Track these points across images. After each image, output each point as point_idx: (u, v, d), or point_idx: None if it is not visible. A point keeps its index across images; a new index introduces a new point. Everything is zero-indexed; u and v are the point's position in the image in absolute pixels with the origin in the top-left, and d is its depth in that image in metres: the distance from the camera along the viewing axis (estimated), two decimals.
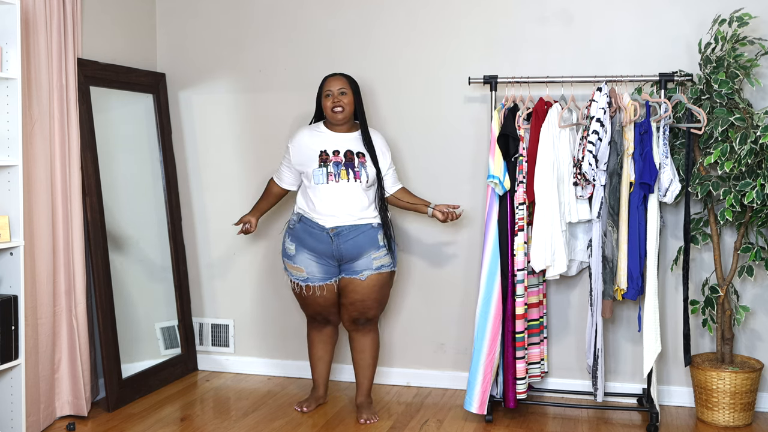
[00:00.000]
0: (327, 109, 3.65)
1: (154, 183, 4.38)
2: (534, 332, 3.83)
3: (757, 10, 3.66)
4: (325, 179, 3.59)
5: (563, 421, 3.76)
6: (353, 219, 3.61)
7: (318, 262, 3.65)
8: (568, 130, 3.65)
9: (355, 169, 3.61)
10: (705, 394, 3.70)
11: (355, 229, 3.61)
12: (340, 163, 3.61)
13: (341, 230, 3.60)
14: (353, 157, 3.63)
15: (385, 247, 3.65)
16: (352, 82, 3.71)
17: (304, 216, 3.67)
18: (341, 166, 3.61)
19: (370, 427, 3.69)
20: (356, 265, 3.63)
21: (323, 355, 3.91)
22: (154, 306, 4.35)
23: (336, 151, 3.63)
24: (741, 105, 3.55)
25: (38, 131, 3.50)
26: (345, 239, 3.60)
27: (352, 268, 3.63)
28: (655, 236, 3.56)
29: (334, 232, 3.60)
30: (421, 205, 3.78)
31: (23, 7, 3.40)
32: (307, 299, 3.73)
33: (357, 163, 3.62)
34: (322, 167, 3.60)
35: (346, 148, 3.65)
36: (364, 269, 3.62)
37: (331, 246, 3.60)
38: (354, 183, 3.60)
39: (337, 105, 3.63)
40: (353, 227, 3.61)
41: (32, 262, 3.48)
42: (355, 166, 3.61)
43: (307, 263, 3.66)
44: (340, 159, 3.62)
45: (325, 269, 3.66)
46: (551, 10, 4.01)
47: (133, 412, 3.86)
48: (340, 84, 3.66)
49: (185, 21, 4.50)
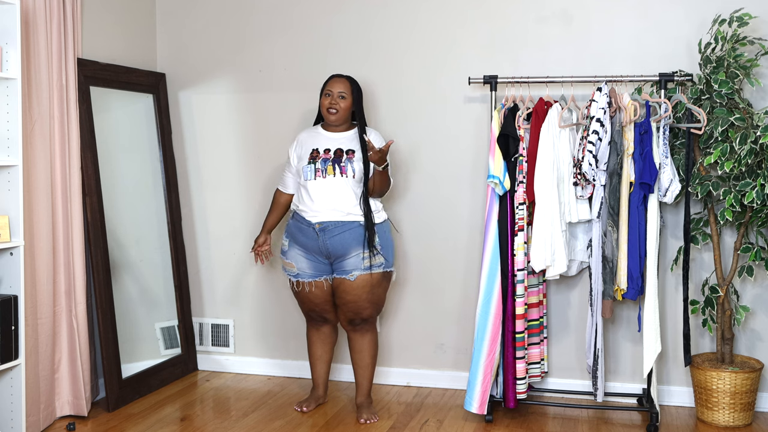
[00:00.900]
0: (323, 107, 3.70)
1: (154, 183, 4.38)
2: (534, 332, 3.83)
3: (757, 10, 3.66)
4: (312, 175, 3.63)
5: (563, 421, 3.76)
6: (340, 215, 3.61)
7: (307, 258, 3.68)
8: (568, 130, 3.65)
9: (341, 165, 3.63)
10: (705, 394, 3.70)
11: (341, 226, 3.61)
12: (327, 160, 3.64)
13: (327, 226, 3.61)
14: (342, 154, 3.66)
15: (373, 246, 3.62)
16: (354, 85, 3.72)
17: (296, 212, 3.72)
18: (328, 162, 3.64)
19: (370, 427, 3.69)
20: (346, 264, 3.63)
21: (322, 355, 3.91)
22: (154, 306, 4.35)
23: (327, 149, 3.67)
24: (741, 105, 3.55)
25: (38, 131, 3.50)
26: (331, 235, 3.60)
27: (342, 268, 3.64)
28: (655, 236, 3.56)
29: (320, 227, 3.61)
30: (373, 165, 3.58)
31: (23, 7, 3.40)
32: (300, 296, 3.77)
33: (344, 159, 3.65)
34: (311, 164, 3.65)
35: (337, 146, 3.68)
36: (353, 269, 3.62)
37: (317, 242, 3.62)
38: (340, 178, 3.62)
39: (332, 107, 3.66)
40: (340, 223, 3.61)
41: (32, 262, 3.47)
42: (341, 162, 3.64)
43: (297, 259, 3.69)
44: (329, 156, 3.65)
45: (315, 266, 3.68)
46: (551, 10, 4.01)
47: (133, 412, 3.86)
48: (341, 87, 3.68)
49: (185, 21, 4.50)
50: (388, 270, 3.70)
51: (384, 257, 3.66)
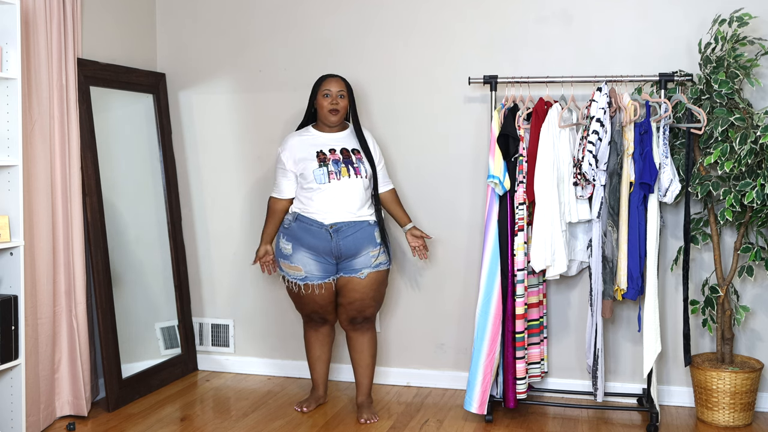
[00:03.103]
0: (323, 108, 3.66)
1: (154, 183, 4.38)
2: (534, 332, 3.83)
3: (757, 10, 3.66)
4: (326, 178, 3.60)
5: (563, 421, 3.76)
6: (352, 216, 3.62)
7: (316, 260, 3.65)
8: (568, 130, 3.65)
9: (355, 165, 3.64)
10: (705, 394, 3.70)
11: (354, 226, 3.62)
12: (339, 161, 3.63)
13: (340, 226, 3.60)
14: (350, 154, 3.66)
15: (381, 244, 3.66)
16: (349, 86, 3.74)
17: (300, 215, 3.66)
18: (341, 164, 3.62)
19: (370, 426, 3.69)
20: (355, 263, 3.63)
21: (321, 355, 3.91)
22: (154, 306, 4.35)
23: (332, 150, 3.65)
24: (741, 105, 3.55)
25: (38, 131, 3.50)
26: (344, 235, 3.60)
27: (351, 267, 3.64)
28: (655, 236, 3.56)
29: (334, 228, 3.60)
30: (402, 216, 3.86)
31: (23, 7, 3.40)
32: (304, 299, 3.73)
33: (355, 159, 3.65)
34: (323, 167, 3.61)
35: (340, 146, 3.67)
36: (363, 267, 3.63)
37: (330, 243, 3.61)
38: (356, 179, 3.62)
39: (334, 107, 3.65)
40: (352, 223, 3.62)
41: (32, 262, 3.48)
42: (353, 162, 3.64)
43: (305, 262, 3.65)
44: (338, 157, 3.64)
45: (324, 267, 3.66)
46: (551, 10, 4.01)
47: (133, 412, 3.86)
48: (339, 86, 3.68)
49: (185, 21, 4.50)
50: (389, 267, 3.73)
51: (389, 255, 3.72)
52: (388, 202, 3.84)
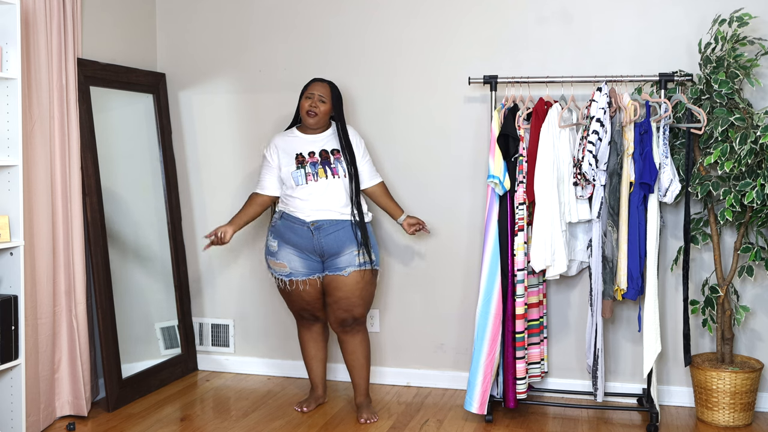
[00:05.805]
0: (302, 109, 3.72)
1: (154, 183, 4.38)
2: (534, 332, 3.83)
3: (757, 10, 3.66)
4: (304, 180, 3.65)
5: (563, 421, 3.76)
6: (334, 214, 3.65)
7: (300, 257, 3.68)
8: (568, 130, 3.65)
9: (332, 166, 3.67)
10: (705, 394, 3.70)
11: (336, 224, 3.63)
12: (316, 163, 3.67)
13: (322, 224, 3.63)
14: (329, 155, 3.69)
15: (361, 245, 3.65)
16: (335, 91, 3.76)
17: (285, 213, 3.71)
18: (318, 165, 3.66)
19: (370, 426, 3.69)
20: (339, 261, 3.64)
21: (317, 354, 3.92)
22: (154, 306, 4.35)
23: (311, 153, 3.68)
24: (741, 105, 3.55)
25: (38, 131, 3.50)
26: (326, 233, 3.62)
27: (335, 265, 3.65)
28: (655, 236, 3.56)
29: (315, 225, 3.62)
30: (394, 209, 3.86)
31: (23, 7, 3.40)
32: (291, 295, 3.76)
33: (333, 160, 3.68)
34: (300, 169, 3.66)
35: (320, 148, 3.71)
36: (347, 266, 3.64)
37: (312, 240, 3.63)
38: (333, 179, 3.65)
39: (313, 109, 3.68)
40: (334, 222, 3.64)
41: (32, 262, 3.48)
42: (331, 163, 3.67)
43: (289, 258, 3.69)
44: (317, 159, 3.67)
45: (308, 264, 3.68)
46: (551, 10, 4.01)
47: (133, 412, 3.86)
48: (322, 90, 3.71)
49: (185, 21, 4.50)
50: (375, 268, 3.73)
51: (372, 256, 3.70)
52: (378, 195, 3.85)
